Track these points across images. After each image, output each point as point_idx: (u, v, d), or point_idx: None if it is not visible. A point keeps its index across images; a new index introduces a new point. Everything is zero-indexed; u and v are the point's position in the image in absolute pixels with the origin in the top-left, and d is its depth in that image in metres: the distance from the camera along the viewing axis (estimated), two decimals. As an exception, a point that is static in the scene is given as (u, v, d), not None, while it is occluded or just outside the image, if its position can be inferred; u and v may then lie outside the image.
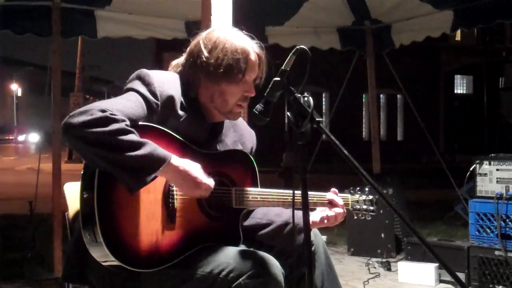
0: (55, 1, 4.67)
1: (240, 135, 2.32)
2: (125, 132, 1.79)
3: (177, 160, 1.88)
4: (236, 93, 2.11)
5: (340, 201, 2.26)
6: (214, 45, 2.07)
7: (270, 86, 1.92)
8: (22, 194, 7.54)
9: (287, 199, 2.16)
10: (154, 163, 1.81)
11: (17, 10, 4.66)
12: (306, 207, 1.86)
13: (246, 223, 2.28)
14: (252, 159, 2.22)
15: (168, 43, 6.28)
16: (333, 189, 2.29)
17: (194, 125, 2.08)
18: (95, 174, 1.82)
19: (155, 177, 1.85)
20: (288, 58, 1.92)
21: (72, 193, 2.29)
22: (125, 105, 1.89)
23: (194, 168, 1.93)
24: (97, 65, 35.70)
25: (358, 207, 2.37)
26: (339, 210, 2.24)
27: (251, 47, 2.12)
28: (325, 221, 2.24)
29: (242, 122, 2.38)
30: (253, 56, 2.11)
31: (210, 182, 1.97)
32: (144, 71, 2.05)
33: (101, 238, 1.79)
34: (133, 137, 1.80)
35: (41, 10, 4.70)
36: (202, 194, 1.96)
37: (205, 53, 2.07)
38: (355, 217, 2.40)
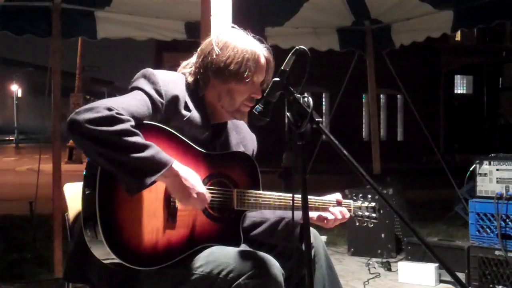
0: (55, 2, 4.68)
1: (242, 137, 2.33)
2: (130, 133, 1.80)
3: (178, 167, 1.88)
4: (244, 92, 2.13)
5: (346, 213, 2.28)
6: (225, 44, 2.11)
7: (269, 86, 1.93)
8: (22, 194, 7.54)
9: (289, 202, 2.15)
10: (156, 166, 1.81)
11: (17, 10, 4.67)
12: (306, 208, 1.85)
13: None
14: (254, 161, 2.22)
15: (168, 44, 6.30)
16: (337, 198, 2.30)
17: (198, 126, 2.09)
18: (97, 172, 1.83)
19: (154, 182, 1.83)
20: (288, 58, 1.92)
21: (72, 193, 2.29)
22: (130, 104, 1.90)
23: (194, 178, 1.91)
24: (97, 66, 35.70)
25: (360, 213, 2.37)
26: (340, 216, 2.26)
27: (261, 50, 2.15)
28: (324, 221, 2.26)
29: (244, 125, 2.39)
30: (262, 59, 2.14)
31: (207, 195, 1.95)
32: (149, 70, 2.07)
33: (101, 236, 1.80)
34: (138, 139, 1.81)
35: (41, 11, 4.71)
36: (197, 205, 1.94)
37: (217, 52, 2.10)
38: (357, 224, 2.39)
